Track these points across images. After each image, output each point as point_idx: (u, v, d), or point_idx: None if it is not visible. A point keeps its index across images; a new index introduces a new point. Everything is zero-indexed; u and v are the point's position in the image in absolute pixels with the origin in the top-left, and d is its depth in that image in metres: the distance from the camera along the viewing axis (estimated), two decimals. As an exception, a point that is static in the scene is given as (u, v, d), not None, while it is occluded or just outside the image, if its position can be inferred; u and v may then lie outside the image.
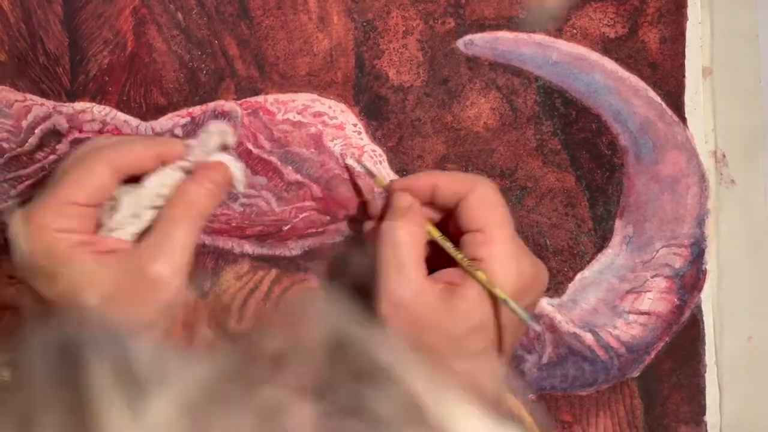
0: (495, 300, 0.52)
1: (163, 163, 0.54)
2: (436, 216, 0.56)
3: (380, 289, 0.52)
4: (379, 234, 0.53)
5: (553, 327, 0.63)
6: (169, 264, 0.51)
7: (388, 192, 0.57)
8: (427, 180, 0.56)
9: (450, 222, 0.55)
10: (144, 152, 0.53)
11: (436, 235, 0.55)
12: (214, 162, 0.55)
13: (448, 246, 0.54)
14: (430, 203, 0.56)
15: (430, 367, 0.51)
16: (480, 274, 0.52)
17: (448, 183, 0.55)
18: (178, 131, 0.61)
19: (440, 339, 0.51)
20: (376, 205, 0.59)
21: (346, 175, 0.61)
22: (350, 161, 0.61)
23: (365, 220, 0.59)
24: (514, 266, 0.52)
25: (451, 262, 0.54)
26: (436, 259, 0.54)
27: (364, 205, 0.61)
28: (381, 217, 0.56)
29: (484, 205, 0.53)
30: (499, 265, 0.52)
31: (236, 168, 0.55)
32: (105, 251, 0.51)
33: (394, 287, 0.52)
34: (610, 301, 0.63)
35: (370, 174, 0.61)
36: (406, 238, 0.53)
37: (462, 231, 0.54)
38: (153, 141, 0.55)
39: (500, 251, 0.52)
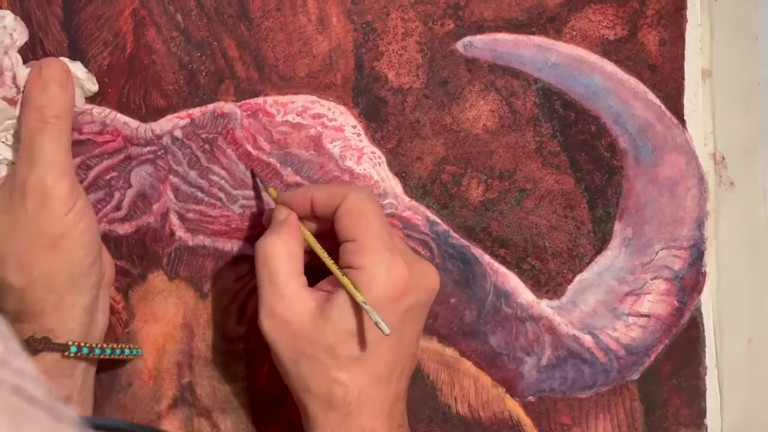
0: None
1: None
2: (322, 228, 0.57)
3: (259, 304, 0.54)
4: (255, 250, 0.54)
5: (552, 329, 0.63)
6: (49, 171, 0.52)
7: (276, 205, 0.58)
8: (305, 194, 0.56)
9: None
10: None
11: (312, 243, 0.55)
12: (46, 59, 0.54)
13: (320, 252, 0.55)
14: (315, 216, 0.56)
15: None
16: (345, 280, 0.52)
17: (322, 195, 0.55)
18: (178, 133, 0.61)
19: (317, 349, 0.52)
20: (267, 217, 0.60)
21: (346, 177, 0.62)
22: (256, 172, 0.61)
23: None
24: (384, 273, 0.52)
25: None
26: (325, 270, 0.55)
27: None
28: None
29: (354, 214, 0.53)
30: (369, 273, 0.52)
31: (73, 66, 0.55)
32: None
33: (269, 301, 0.53)
34: (609, 303, 0.63)
35: (264, 186, 0.61)
36: (276, 253, 0.53)
37: (340, 241, 0.54)
38: None
39: (369, 260, 0.52)
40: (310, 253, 0.56)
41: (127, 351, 0.58)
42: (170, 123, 0.61)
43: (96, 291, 0.55)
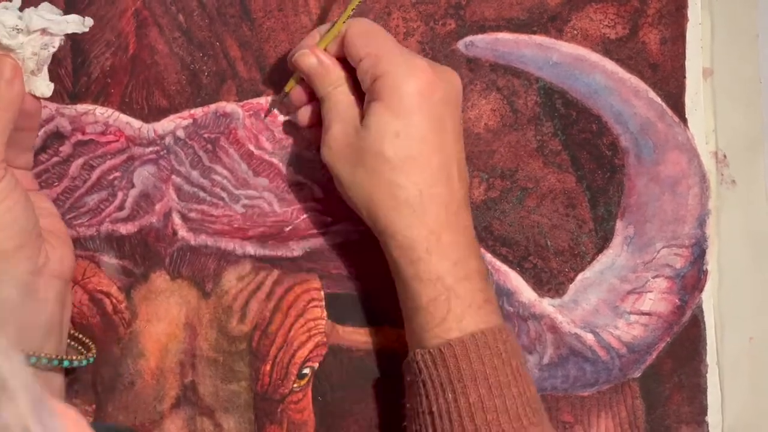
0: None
1: None
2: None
3: (323, 135, 0.57)
4: (323, 99, 0.58)
5: (554, 328, 0.63)
6: None
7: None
8: (312, 38, 0.58)
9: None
10: None
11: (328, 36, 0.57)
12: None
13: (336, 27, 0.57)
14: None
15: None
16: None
17: (326, 27, 0.57)
18: (180, 133, 0.61)
19: (369, 158, 0.55)
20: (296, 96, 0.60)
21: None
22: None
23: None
24: (407, 72, 0.55)
25: None
26: None
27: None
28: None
29: (363, 33, 0.56)
30: (393, 75, 0.54)
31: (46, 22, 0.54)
32: None
33: (328, 129, 0.57)
34: (611, 302, 0.63)
35: (283, 93, 0.61)
36: (344, 94, 0.57)
37: (356, 64, 0.56)
38: None
39: (390, 64, 0.54)
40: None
41: (76, 363, 0.57)
42: (173, 123, 0.61)
43: (29, 278, 0.54)
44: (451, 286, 0.54)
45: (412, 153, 0.54)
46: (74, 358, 0.57)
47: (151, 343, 0.61)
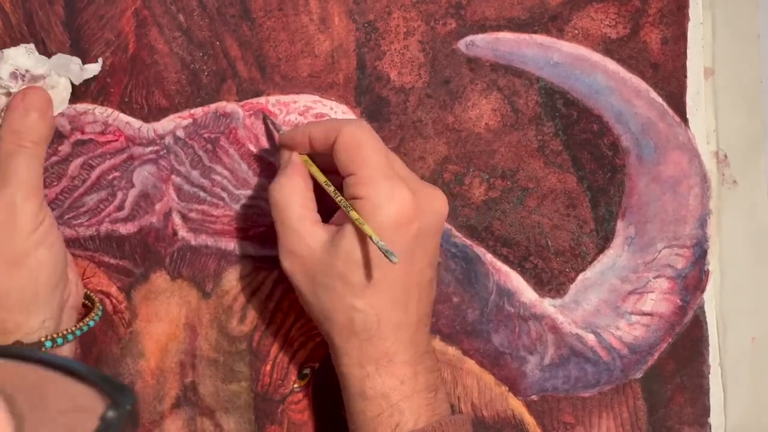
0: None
1: None
2: (331, 162, 0.57)
3: (278, 245, 0.55)
4: (268, 194, 0.56)
5: (555, 328, 0.63)
6: (20, 190, 0.52)
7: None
8: (303, 133, 0.56)
9: None
10: None
11: (319, 178, 0.56)
12: (30, 87, 0.54)
13: (326, 186, 0.55)
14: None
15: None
16: (352, 213, 0.53)
17: (319, 133, 0.55)
18: (180, 132, 0.61)
19: (332, 278, 0.54)
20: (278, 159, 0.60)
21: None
22: (265, 116, 0.61)
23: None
24: (386, 201, 0.52)
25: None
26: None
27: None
28: None
29: (349, 148, 0.54)
30: (372, 202, 0.53)
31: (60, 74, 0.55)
32: None
33: (284, 241, 0.55)
34: (612, 302, 0.63)
35: (276, 129, 0.61)
36: (285, 194, 0.55)
37: (342, 176, 0.55)
38: None
39: (370, 190, 0.53)
40: (323, 190, 0.56)
41: (91, 323, 0.57)
42: (172, 123, 0.61)
43: (58, 313, 0.55)
44: (396, 403, 0.54)
45: (375, 281, 0.53)
46: (84, 323, 0.57)
47: (152, 343, 0.61)
